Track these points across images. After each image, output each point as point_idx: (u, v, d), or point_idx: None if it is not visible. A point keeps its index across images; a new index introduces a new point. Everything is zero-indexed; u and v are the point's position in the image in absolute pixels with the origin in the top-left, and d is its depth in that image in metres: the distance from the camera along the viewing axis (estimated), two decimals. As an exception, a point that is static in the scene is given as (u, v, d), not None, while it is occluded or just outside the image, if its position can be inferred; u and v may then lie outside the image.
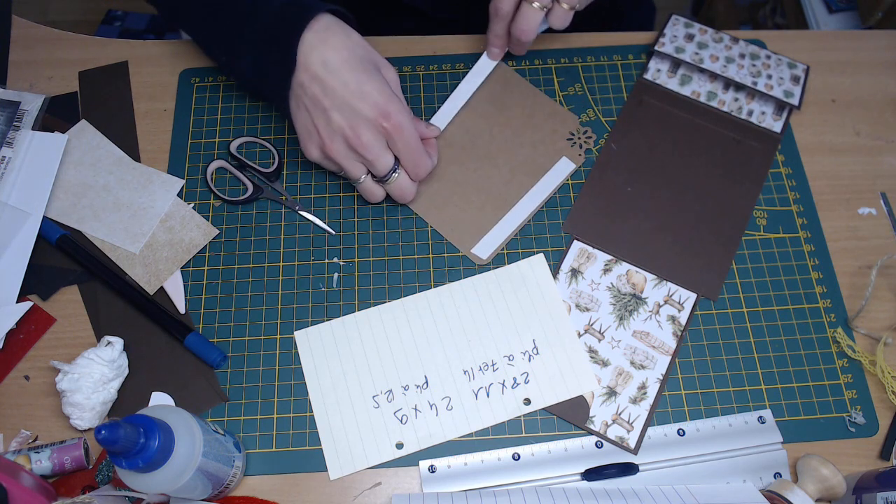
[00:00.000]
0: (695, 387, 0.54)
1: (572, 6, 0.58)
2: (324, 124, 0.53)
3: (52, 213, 0.59)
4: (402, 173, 0.56)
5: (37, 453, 0.50)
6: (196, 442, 0.42)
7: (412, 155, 0.54)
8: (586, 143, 0.62)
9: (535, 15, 0.58)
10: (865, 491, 0.48)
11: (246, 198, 0.60)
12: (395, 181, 0.55)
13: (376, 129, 0.53)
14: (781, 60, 0.65)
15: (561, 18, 0.59)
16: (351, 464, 0.51)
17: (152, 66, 0.66)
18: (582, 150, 0.62)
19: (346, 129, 0.52)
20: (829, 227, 0.60)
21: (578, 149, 0.62)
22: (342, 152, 0.54)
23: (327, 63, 0.52)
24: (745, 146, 0.62)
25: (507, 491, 0.49)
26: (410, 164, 0.55)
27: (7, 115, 0.62)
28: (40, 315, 0.56)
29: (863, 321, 0.56)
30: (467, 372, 0.54)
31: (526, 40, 0.60)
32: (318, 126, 0.54)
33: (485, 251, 0.58)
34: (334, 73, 0.52)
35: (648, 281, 0.57)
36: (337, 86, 0.52)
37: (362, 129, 0.52)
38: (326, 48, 0.52)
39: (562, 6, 0.58)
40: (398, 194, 0.57)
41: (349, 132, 0.52)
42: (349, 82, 0.52)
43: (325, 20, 0.54)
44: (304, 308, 0.56)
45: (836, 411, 0.53)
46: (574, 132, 0.63)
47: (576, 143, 0.63)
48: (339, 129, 0.53)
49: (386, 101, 0.52)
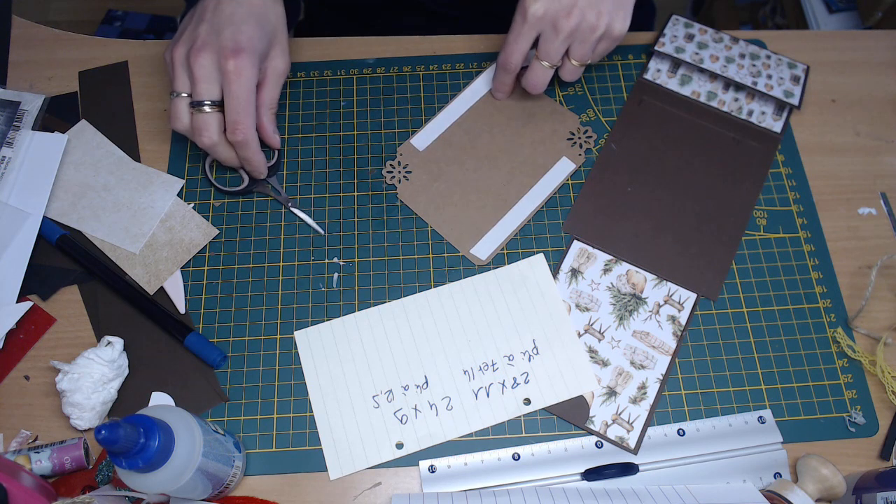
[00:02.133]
0: (695, 387, 0.54)
1: (583, 63, 0.58)
2: (189, 30, 0.55)
3: (52, 213, 0.59)
4: (213, 114, 0.54)
5: (37, 453, 0.50)
6: (196, 442, 0.42)
7: (236, 105, 0.53)
8: (586, 142, 0.62)
9: (545, 73, 0.58)
10: (865, 491, 0.48)
11: (241, 188, 0.60)
12: (203, 113, 0.54)
13: (220, 59, 0.53)
14: (781, 60, 0.65)
15: (572, 74, 0.59)
16: (351, 464, 0.51)
17: (152, 66, 0.66)
18: (582, 149, 0.62)
19: (197, 41, 0.53)
20: (829, 227, 0.60)
21: (579, 149, 0.62)
22: (180, 59, 0.54)
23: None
24: (745, 146, 0.62)
25: (507, 491, 0.49)
26: (231, 112, 0.54)
27: (7, 115, 0.62)
28: (40, 315, 0.56)
29: (863, 321, 0.56)
30: (467, 372, 0.54)
31: (538, 93, 0.61)
32: (185, 30, 0.55)
33: (484, 252, 0.58)
34: (235, 3, 0.54)
35: (648, 281, 0.57)
36: (226, 11, 0.53)
37: (208, 49, 0.53)
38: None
39: (572, 63, 0.58)
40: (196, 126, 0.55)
41: (198, 44, 0.53)
42: (236, 15, 0.53)
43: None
44: (304, 308, 0.56)
45: (836, 411, 0.53)
46: (574, 132, 0.63)
47: (576, 142, 0.63)
48: (194, 39, 0.53)
49: (248, 47, 0.53)
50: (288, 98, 0.65)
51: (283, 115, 0.64)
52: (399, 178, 0.61)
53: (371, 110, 0.64)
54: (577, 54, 0.57)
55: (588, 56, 0.58)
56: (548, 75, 0.59)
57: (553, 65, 0.58)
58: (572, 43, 0.56)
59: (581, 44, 0.56)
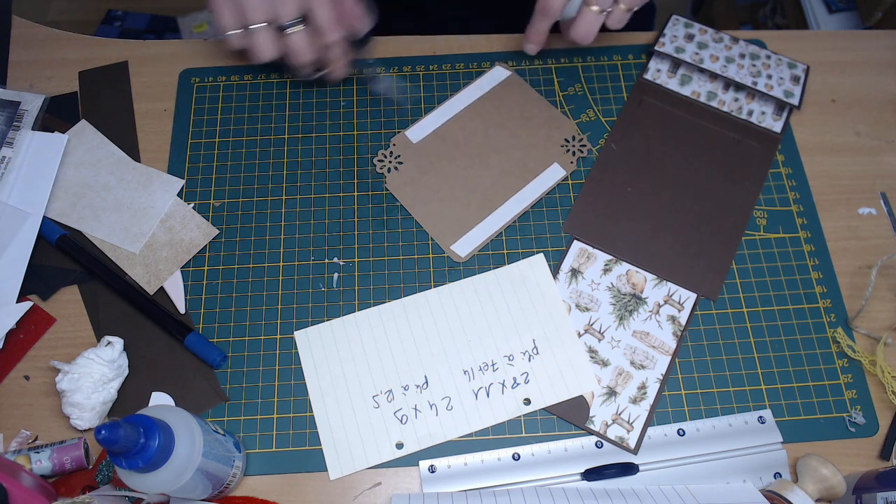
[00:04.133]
0: (695, 387, 0.54)
1: (630, 7, 0.57)
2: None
3: (52, 213, 0.59)
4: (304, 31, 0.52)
5: (37, 453, 0.50)
6: (196, 442, 0.42)
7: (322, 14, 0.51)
8: (580, 151, 0.62)
9: (596, 20, 0.57)
10: (865, 491, 0.48)
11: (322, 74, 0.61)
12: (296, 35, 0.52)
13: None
14: (781, 60, 0.65)
15: (619, 20, 0.58)
16: (351, 464, 0.51)
17: (152, 66, 0.66)
18: (575, 157, 0.62)
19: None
20: (829, 227, 0.60)
21: (571, 156, 0.62)
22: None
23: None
24: (745, 146, 0.62)
25: (507, 491, 0.49)
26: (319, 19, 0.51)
27: (7, 115, 0.62)
28: (40, 315, 0.56)
29: (863, 321, 0.56)
30: (467, 372, 0.54)
31: (586, 44, 0.59)
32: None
33: (463, 249, 0.58)
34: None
35: (648, 281, 0.57)
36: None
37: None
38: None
39: (620, 7, 0.57)
40: (294, 49, 0.53)
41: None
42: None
43: None
44: (304, 308, 0.56)
45: (836, 411, 0.53)
46: (569, 139, 0.63)
47: (570, 150, 0.62)
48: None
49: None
50: (288, 98, 0.65)
51: (283, 115, 0.64)
52: (389, 168, 0.61)
53: (371, 110, 0.64)
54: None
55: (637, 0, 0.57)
56: (597, 23, 0.57)
57: (603, 9, 0.56)
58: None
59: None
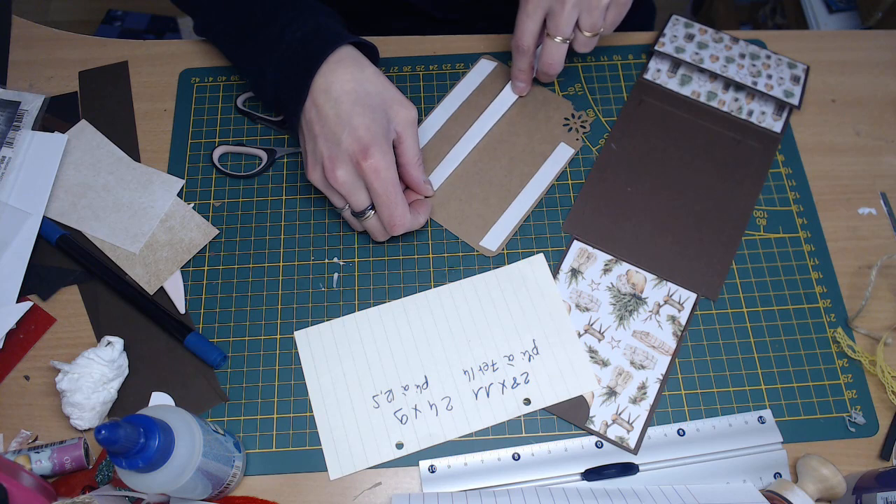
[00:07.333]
0: (695, 387, 0.54)
1: (595, 32, 0.57)
2: (311, 150, 0.53)
3: (52, 213, 0.59)
4: (376, 217, 0.54)
5: (37, 453, 0.50)
6: (196, 442, 0.42)
7: (386, 201, 0.52)
8: (582, 127, 0.63)
9: (559, 49, 0.58)
10: (865, 491, 0.48)
11: (261, 168, 0.60)
12: (368, 220, 0.54)
13: (353, 166, 0.51)
14: (781, 60, 0.65)
15: (585, 45, 0.59)
16: (351, 464, 0.51)
17: (152, 66, 0.66)
18: (579, 133, 0.62)
19: (325, 160, 0.52)
20: (829, 227, 0.60)
21: (575, 133, 0.62)
22: (321, 182, 0.54)
23: (329, 91, 0.51)
24: (745, 146, 0.62)
25: (507, 491, 0.49)
26: (384, 210, 0.53)
27: (7, 115, 0.62)
28: (40, 315, 0.56)
29: (863, 321, 0.56)
30: (467, 372, 0.54)
31: (554, 73, 0.60)
32: (307, 151, 0.54)
33: (493, 243, 0.58)
34: (332, 101, 0.51)
35: (648, 281, 0.57)
36: (329, 114, 0.51)
37: (338, 163, 0.51)
38: (334, 78, 0.52)
39: (583, 34, 0.57)
40: (371, 233, 0.56)
41: (327, 163, 0.51)
42: (341, 113, 0.51)
43: (343, 52, 0.53)
44: (304, 308, 0.56)
45: (836, 411, 0.53)
46: (568, 118, 0.63)
47: (572, 128, 0.63)
48: (321, 159, 0.52)
49: (370, 140, 0.50)
50: (288, 98, 0.65)
51: (283, 115, 0.64)
52: None
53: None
54: (587, 24, 0.56)
55: (599, 24, 0.57)
56: (562, 52, 0.58)
57: (565, 38, 0.57)
58: (581, 13, 0.56)
59: (589, 12, 0.56)
